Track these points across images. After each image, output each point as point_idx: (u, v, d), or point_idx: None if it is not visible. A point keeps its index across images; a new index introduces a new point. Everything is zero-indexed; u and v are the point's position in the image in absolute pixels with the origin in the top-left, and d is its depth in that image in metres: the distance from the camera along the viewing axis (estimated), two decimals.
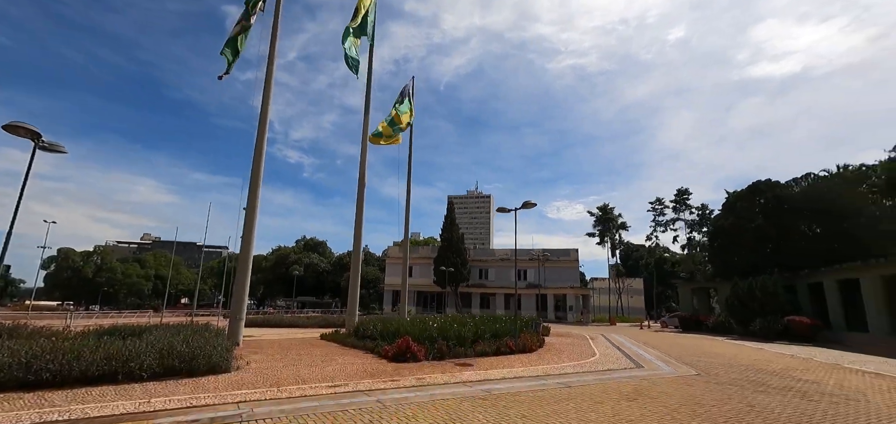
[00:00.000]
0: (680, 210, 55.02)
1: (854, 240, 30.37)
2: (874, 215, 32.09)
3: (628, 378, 10.30)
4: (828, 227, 31.63)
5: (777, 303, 26.85)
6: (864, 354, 17.59)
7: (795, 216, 33.29)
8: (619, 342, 21.32)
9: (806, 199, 33.62)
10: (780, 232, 33.25)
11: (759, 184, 36.06)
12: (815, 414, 7.14)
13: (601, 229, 58.47)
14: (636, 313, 71.08)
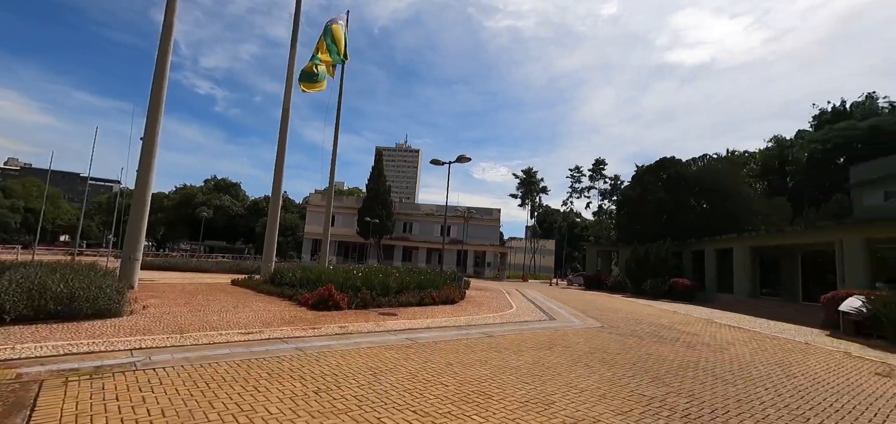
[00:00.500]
0: (595, 179, 59.48)
1: (732, 216, 35.09)
2: (749, 196, 37.22)
3: (543, 329, 10.95)
4: (714, 203, 36.11)
5: (666, 267, 30.46)
6: (729, 311, 20.63)
7: (690, 192, 37.47)
8: (532, 297, 22.74)
9: (700, 177, 37.89)
10: (676, 205, 37.29)
11: (664, 161, 39.81)
12: (699, 361, 8.13)
13: (524, 192, 61.29)
14: (546, 271, 76.63)
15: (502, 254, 57.65)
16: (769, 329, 14.59)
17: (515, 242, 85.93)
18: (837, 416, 5.25)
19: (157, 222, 75.38)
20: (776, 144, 56.67)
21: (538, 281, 53.05)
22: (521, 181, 61.20)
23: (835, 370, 8.34)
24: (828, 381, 7.27)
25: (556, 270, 73.25)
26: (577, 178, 62.24)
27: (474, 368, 6.31)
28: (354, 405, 4.41)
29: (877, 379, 7.81)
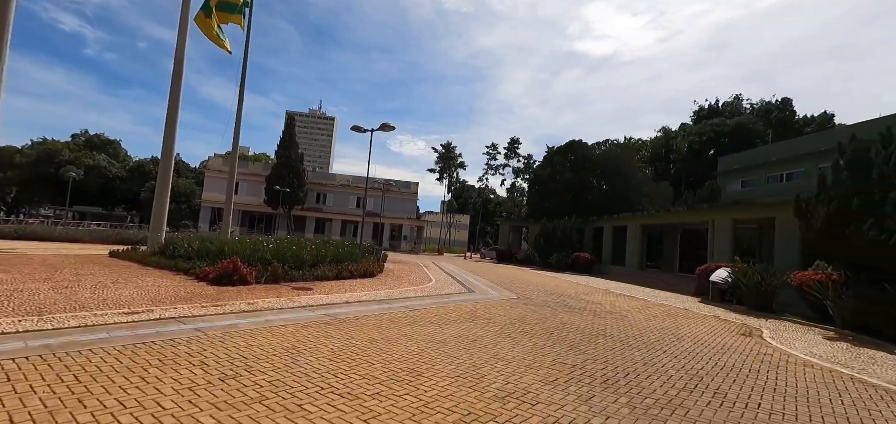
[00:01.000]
0: (510, 157, 61.93)
1: (627, 196, 38.93)
2: (641, 179, 41.50)
3: (464, 302, 11.05)
4: (613, 184, 39.73)
5: (570, 242, 33.00)
6: (623, 282, 22.98)
7: (593, 174, 40.73)
8: (450, 271, 23.09)
9: (602, 161, 41.30)
10: (581, 185, 40.34)
11: (572, 143, 42.64)
12: (606, 329, 8.78)
13: (442, 167, 61.79)
14: (461, 245, 78.84)
15: (419, 228, 57.88)
16: (656, 298, 16.46)
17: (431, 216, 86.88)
18: (720, 370, 5.95)
19: (6, 182, 62.77)
20: (663, 134, 63.88)
21: (453, 255, 54.35)
22: (440, 155, 61.60)
23: (711, 332, 9.58)
24: (708, 342, 8.30)
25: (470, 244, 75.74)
26: (492, 155, 64.34)
27: (400, 344, 6.05)
28: (270, 391, 3.89)
29: (742, 338, 9.11)
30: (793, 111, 56.01)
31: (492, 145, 63.80)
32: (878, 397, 5.41)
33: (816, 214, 11.52)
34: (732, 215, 19.00)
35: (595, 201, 38.98)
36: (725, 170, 46.78)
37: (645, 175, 43.46)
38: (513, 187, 63.77)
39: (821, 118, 55.27)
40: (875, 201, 10.18)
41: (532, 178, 47.24)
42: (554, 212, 38.80)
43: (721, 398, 4.84)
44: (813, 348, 8.54)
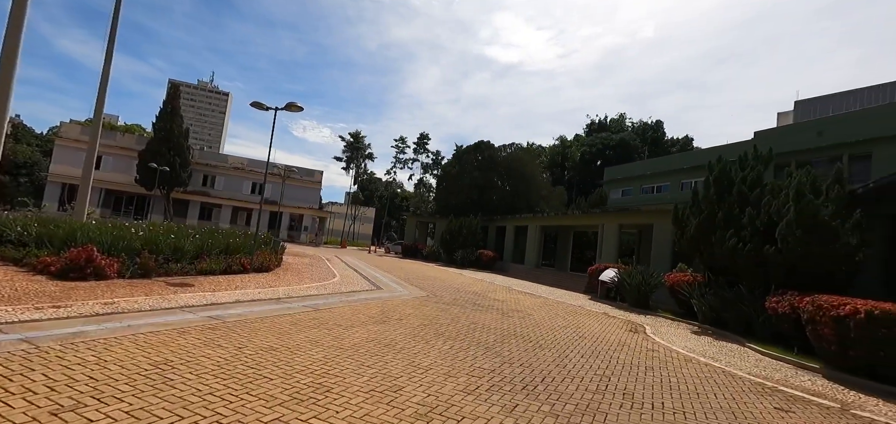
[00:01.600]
0: (419, 152, 61.71)
1: (527, 198, 41.26)
2: (541, 183, 44.33)
3: (372, 300, 10.44)
4: (516, 186, 41.78)
5: (475, 239, 33.96)
6: (522, 279, 24.17)
7: (499, 174, 42.38)
8: (354, 265, 22.10)
9: (507, 163, 43.19)
10: (487, 184, 41.72)
11: (480, 144, 43.91)
12: (515, 328, 8.88)
13: (349, 157, 59.33)
14: (365, 239, 76.89)
15: (321, 219, 55.00)
16: (553, 295, 17.51)
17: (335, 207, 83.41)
18: (622, 368, 6.27)
19: None
20: (560, 142, 69.29)
21: (356, 248, 52.69)
22: (348, 145, 59.08)
23: (605, 328, 10.29)
24: (605, 338, 8.85)
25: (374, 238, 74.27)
26: (401, 149, 63.69)
27: (304, 352, 5.31)
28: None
29: (630, 334, 9.94)
30: (663, 132, 64.63)
31: (401, 139, 63.20)
32: (747, 389, 6.11)
33: (689, 223, 13.12)
34: (619, 221, 21.11)
35: (499, 201, 40.68)
36: (610, 179, 52.33)
37: (544, 179, 46.57)
38: (421, 183, 63.83)
39: (683, 141, 64.64)
40: (734, 215, 11.88)
41: (440, 174, 47.74)
42: (460, 209, 39.60)
43: (631, 399, 5.01)
44: (687, 342, 9.60)
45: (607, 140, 59.82)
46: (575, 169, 60.01)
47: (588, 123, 71.43)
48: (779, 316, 9.40)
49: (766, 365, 7.96)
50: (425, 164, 62.65)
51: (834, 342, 7.32)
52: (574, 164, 60.92)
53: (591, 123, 71.30)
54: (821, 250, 9.33)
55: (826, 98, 47.83)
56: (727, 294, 11.34)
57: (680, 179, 43.94)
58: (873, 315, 6.65)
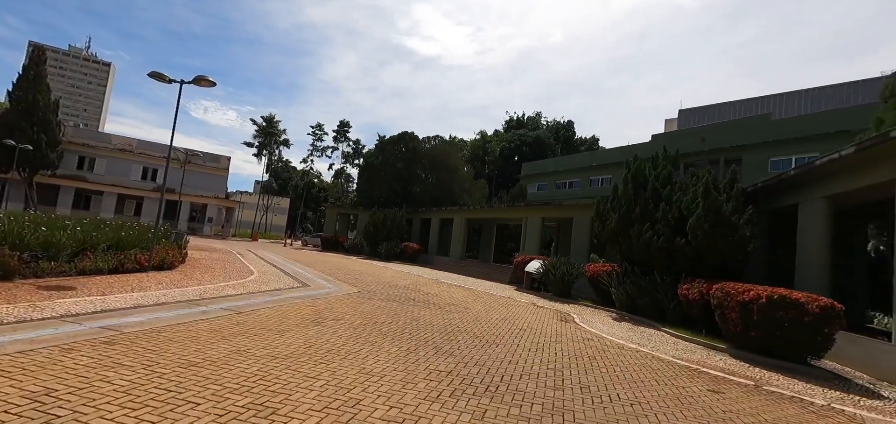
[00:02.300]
0: (340, 141, 58.90)
1: (451, 191, 41.62)
2: (464, 176, 45.02)
3: (301, 299, 9.54)
4: (439, 178, 41.88)
5: (400, 232, 33.40)
6: (449, 272, 24.27)
7: (422, 166, 42.13)
8: (272, 260, 20.41)
9: (431, 154, 43.08)
10: (411, 176, 41.24)
11: (404, 135, 43.21)
12: (456, 323, 8.68)
13: (261, 142, 54.64)
14: (278, 230, 72.11)
15: (229, 209, 50.21)
16: (482, 287, 17.74)
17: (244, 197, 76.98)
18: (569, 359, 6.35)
19: None
20: (481, 137, 71.09)
21: (270, 241, 49.07)
22: (260, 129, 54.30)
23: (540, 319, 10.55)
24: (542, 329, 9.02)
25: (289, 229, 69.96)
26: (318, 136, 60.43)
27: (234, 366, 4.52)
28: None
29: (563, 324, 10.31)
30: (574, 131, 69.45)
31: (318, 126, 59.90)
32: (679, 373, 6.54)
33: (609, 217, 14.02)
34: (541, 214, 22.08)
35: (422, 193, 40.51)
36: (527, 174, 55.01)
37: (467, 172, 47.35)
38: (341, 173, 61.17)
39: (591, 140, 70.09)
40: (649, 210, 12.91)
41: (363, 165, 46.16)
42: (384, 201, 38.70)
43: (588, 392, 5.02)
44: (612, 329, 10.19)
45: (524, 137, 62.67)
46: (495, 164, 62.01)
47: (507, 120, 74.21)
48: (689, 302, 10.37)
49: (683, 348, 8.70)
50: (346, 153, 60.23)
51: (739, 325, 8.19)
52: (494, 158, 62.92)
53: (510, 119, 74.19)
54: (724, 242, 10.46)
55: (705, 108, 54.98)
56: (643, 283, 12.30)
57: (589, 175, 47.58)
58: (773, 300, 7.53)
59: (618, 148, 46.97)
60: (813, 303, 7.18)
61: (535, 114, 72.09)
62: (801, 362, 7.66)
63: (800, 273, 10.18)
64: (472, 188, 46.15)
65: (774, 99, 48.28)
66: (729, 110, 50.07)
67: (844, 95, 42.69)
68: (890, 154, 7.38)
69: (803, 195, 10.32)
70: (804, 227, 10.23)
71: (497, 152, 62.96)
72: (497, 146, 64.51)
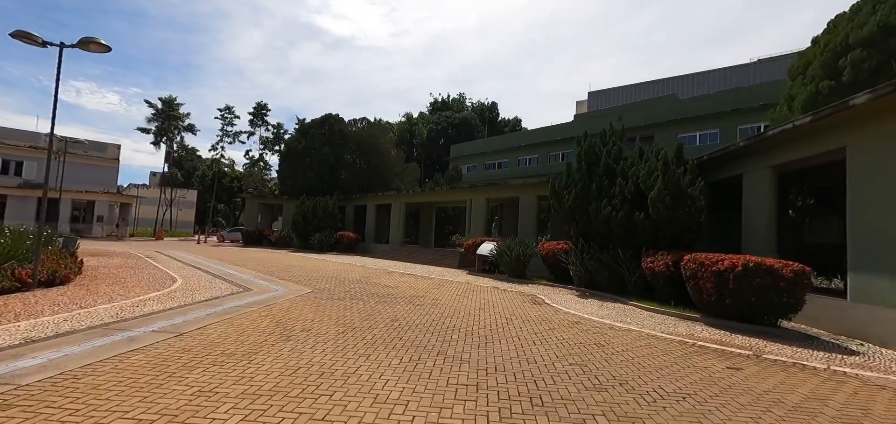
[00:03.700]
0: (257, 125, 53.54)
1: (382, 175, 40.09)
2: (395, 159, 43.62)
3: (250, 308, 8.03)
4: (369, 162, 40.05)
5: (333, 221, 31.33)
6: (395, 260, 23.20)
7: (350, 151, 39.93)
8: (192, 261, 17.77)
9: (359, 138, 40.99)
10: (339, 161, 38.88)
11: (329, 117, 40.48)
12: (439, 318, 7.86)
13: (160, 127, 47.60)
14: (184, 227, 64.67)
15: (124, 205, 43.50)
16: (435, 274, 17.01)
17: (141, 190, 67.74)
18: (572, 346, 5.88)
19: None
20: (407, 120, 69.69)
21: (177, 239, 43.56)
22: (158, 112, 47.20)
23: (512, 304, 10.10)
24: (524, 315, 8.53)
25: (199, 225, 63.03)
26: (228, 120, 54.48)
27: (205, 418, 3.27)
28: None
29: (538, 306, 9.97)
30: (498, 113, 70.87)
31: (227, 109, 53.81)
32: (686, 351, 6.39)
33: (564, 195, 14.01)
34: (486, 195, 21.84)
35: (351, 179, 38.47)
36: (456, 156, 55.05)
37: (397, 156, 45.94)
38: (260, 160, 55.95)
39: (513, 121, 72.12)
40: (605, 186, 13.06)
41: (284, 151, 42.42)
42: (310, 189, 36.08)
43: (632, 390, 4.53)
44: (587, 307, 10.07)
45: (451, 118, 62.56)
46: (423, 146, 61.21)
47: (432, 102, 73.60)
48: (655, 274, 10.59)
49: (662, 321, 8.76)
50: (265, 138, 55.13)
51: (713, 293, 8.40)
52: (422, 141, 62.05)
53: (435, 101, 73.64)
54: (683, 214, 10.80)
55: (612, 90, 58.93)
56: (604, 258, 12.43)
57: (517, 156, 48.84)
58: (749, 267, 7.76)
59: (543, 128, 48.71)
60: (786, 268, 7.49)
61: (459, 95, 72.29)
62: (772, 325, 8.05)
63: (746, 241, 10.86)
64: (404, 172, 45.00)
65: (672, 82, 53.10)
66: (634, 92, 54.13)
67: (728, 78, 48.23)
68: (843, 122, 7.92)
69: (747, 166, 10.99)
70: (750, 196, 10.91)
71: (425, 135, 62.17)
72: (424, 128, 63.68)
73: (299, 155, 38.96)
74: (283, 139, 51.72)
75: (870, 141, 7.56)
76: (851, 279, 7.82)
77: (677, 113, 35.35)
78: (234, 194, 63.52)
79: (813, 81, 14.37)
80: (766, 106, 30.55)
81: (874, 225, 7.48)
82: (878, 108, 7.16)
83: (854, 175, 7.86)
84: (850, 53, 13.45)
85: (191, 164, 64.11)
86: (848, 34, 13.84)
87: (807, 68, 15.01)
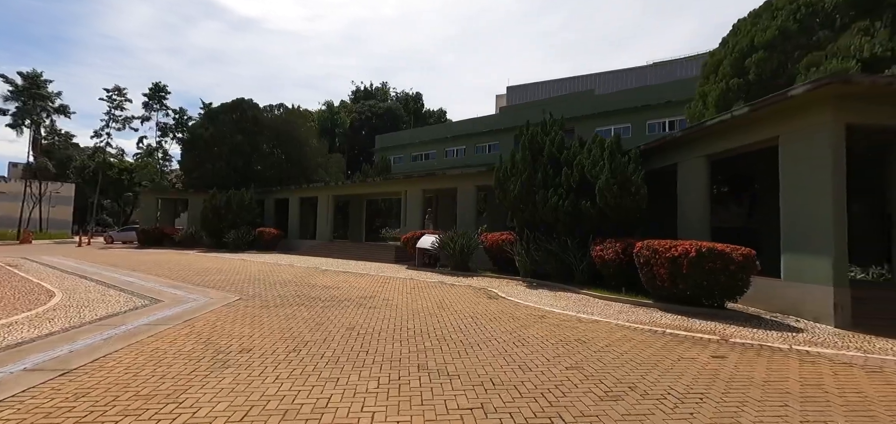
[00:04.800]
0: (155, 108, 46.43)
1: (303, 165, 37.42)
2: (317, 149, 40.97)
3: (165, 325, 6.49)
4: (289, 152, 37.08)
5: (250, 216, 28.37)
6: (327, 257, 21.54)
7: (267, 139, 36.62)
8: (74, 269, 14.76)
9: (276, 126, 37.74)
10: (254, 151, 35.44)
11: (241, 102, 36.67)
12: (391, 319, 7.02)
13: (22, 108, 39.07)
14: (60, 227, 55.06)
15: None
16: (373, 271, 15.93)
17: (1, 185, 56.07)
18: (557, 344, 5.47)
19: None
20: (328, 108, 66.11)
21: (52, 242, 36.70)
22: (17, 90, 38.67)
23: (469, 300, 9.54)
24: (486, 313, 8.00)
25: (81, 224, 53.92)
26: (117, 103, 46.90)
27: None
28: None
29: (496, 302, 9.53)
30: (423, 104, 70.15)
31: (116, 89, 46.16)
32: (666, 342, 6.28)
33: (509, 185, 13.78)
34: (422, 187, 21.05)
35: (270, 170, 35.31)
36: (381, 147, 53.37)
37: (320, 145, 43.15)
38: (158, 149, 48.89)
39: (438, 113, 71.98)
40: (550, 175, 13.03)
41: (188, 138, 37.40)
42: (222, 181, 32.43)
43: (643, 393, 4.14)
44: (542, 299, 9.84)
45: (375, 108, 60.54)
46: (346, 136, 58.59)
47: (354, 90, 70.73)
48: (604, 261, 10.70)
49: (619, 309, 8.78)
50: (165, 124, 48.34)
51: (667, 279, 8.58)
52: (345, 131, 59.32)
53: (357, 89, 70.81)
54: (629, 202, 11.05)
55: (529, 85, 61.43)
56: (552, 247, 12.39)
57: (445, 147, 48.65)
58: (702, 252, 8.00)
59: (470, 120, 49.01)
60: (736, 252, 7.81)
61: (382, 84, 70.35)
62: (720, 306, 8.41)
63: (682, 226, 11.44)
64: (328, 163, 42.50)
65: (577, 80, 56.58)
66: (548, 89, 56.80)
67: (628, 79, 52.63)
68: (778, 113, 8.46)
69: (683, 155, 11.56)
70: (685, 184, 11.49)
71: (348, 124, 59.50)
72: (347, 118, 60.92)
73: (207, 143, 34.81)
74: (186, 126, 45.80)
75: (800, 130, 8.14)
76: (784, 259, 8.41)
77: (594, 108, 37.54)
78: (125, 187, 55.44)
79: (724, 79, 15.76)
80: (670, 103, 33.62)
81: (803, 208, 8.08)
82: (811, 99, 7.70)
83: (786, 162, 8.44)
84: (754, 54, 14.92)
85: (65, 153, 54.34)
86: (753, 37, 15.33)
87: (718, 67, 16.43)
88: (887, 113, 7.56)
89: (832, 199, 7.47)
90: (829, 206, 7.50)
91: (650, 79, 49.01)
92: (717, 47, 17.55)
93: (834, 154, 7.48)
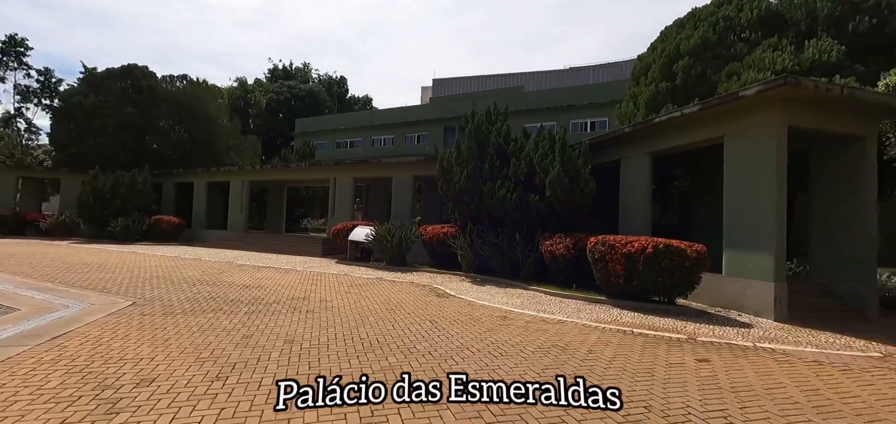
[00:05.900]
0: (12, 67, 37.81)
1: (212, 146, 33.35)
2: (228, 129, 36.81)
3: (16, 345, 4.69)
4: (193, 131, 32.72)
5: (144, 201, 24.33)
6: (241, 250, 19.10)
7: (166, 115, 31.94)
8: None
9: (177, 99, 33.07)
10: (150, 126, 30.69)
11: (134, 68, 31.43)
12: (338, 326, 5.91)
13: None
14: None
15: None
16: (300, 265, 14.28)
17: None
18: (505, 345, 4.86)
19: None
20: (240, 85, 60.16)
21: None
22: None
23: (418, 300, 8.64)
24: (442, 314, 7.18)
25: None
26: None
27: None
28: None
29: (444, 301, 8.74)
30: (348, 89, 66.94)
31: None
32: (645, 343, 5.94)
33: (455, 176, 13.04)
34: (354, 174, 19.48)
35: (169, 149, 30.77)
36: (302, 131, 49.75)
37: (232, 125, 38.73)
38: (17, 117, 40.14)
39: (364, 99, 69.29)
40: (497, 166, 12.52)
41: (61, 107, 31.00)
42: (107, 159, 27.54)
43: (651, 409, 3.60)
44: (494, 297, 9.26)
45: (296, 89, 56.33)
46: (262, 117, 53.80)
47: (271, 69, 65.25)
48: (555, 257, 10.42)
49: (577, 307, 8.48)
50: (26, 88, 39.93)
51: (622, 275, 8.44)
52: (260, 112, 54.41)
53: (275, 68, 65.39)
54: (580, 195, 10.88)
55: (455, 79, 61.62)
56: (499, 242, 11.90)
57: (372, 135, 46.76)
58: (659, 249, 7.93)
59: (398, 108, 47.56)
60: (690, 249, 7.85)
61: (304, 65, 65.82)
62: (671, 302, 8.48)
63: (624, 222, 11.60)
64: (241, 145, 38.41)
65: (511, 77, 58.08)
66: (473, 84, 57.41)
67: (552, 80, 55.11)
68: (725, 112, 8.71)
69: (628, 151, 11.71)
70: (627, 180, 11.65)
71: (263, 105, 54.64)
72: (262, 98, 55.94)
73: (88, 114, 29.33)
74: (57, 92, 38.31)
75: (746, 130, 8.43)
76: (726, 255, 8.71)
77: (522, 105, 38.38)
78: None
79: (653, 82, 16.57)
80: (592, 105, 35.49)
81: (745, 205, 8.40)
82: (760, 101, 7.95)
83: (730, 160, 8.74)
84: (681, 60, 15.84)
85: None
86: (679, 44, 16.28)
87: (648, 70, 17.26)
88: (824, 118, 8.07)
89: (775, 196, 7.79)
90: (772, 203, 7.81)
91: (568, 82, 51.58)
92: (646, 51, 18.43)
93: (778, 153, 7.80)
